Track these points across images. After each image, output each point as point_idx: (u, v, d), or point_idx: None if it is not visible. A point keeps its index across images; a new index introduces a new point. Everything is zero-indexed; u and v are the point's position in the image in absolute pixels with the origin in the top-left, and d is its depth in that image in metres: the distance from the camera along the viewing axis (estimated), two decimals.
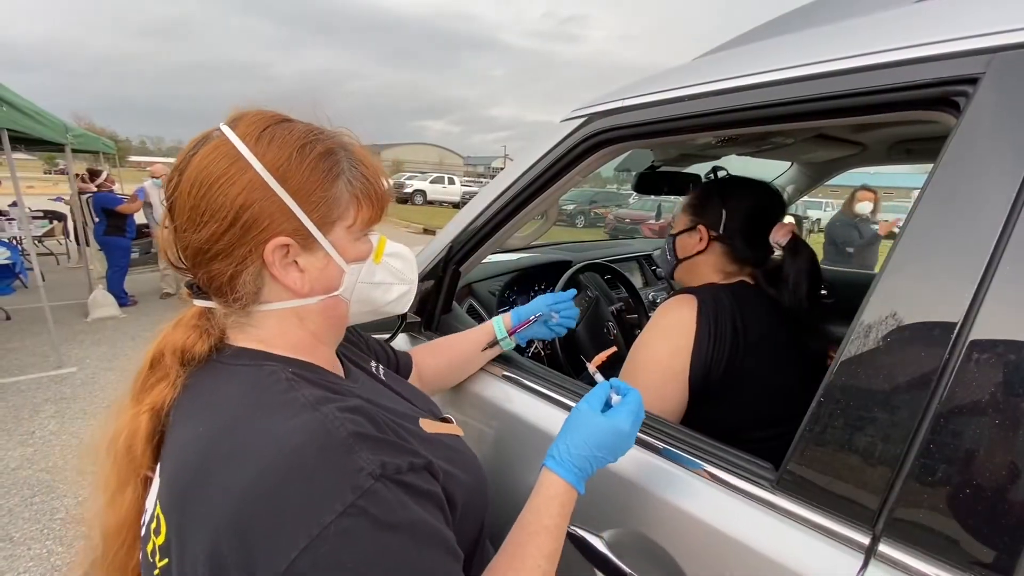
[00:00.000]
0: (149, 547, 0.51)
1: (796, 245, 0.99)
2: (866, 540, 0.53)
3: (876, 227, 4.21)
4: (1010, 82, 0.51)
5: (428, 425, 0.65)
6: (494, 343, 1.02)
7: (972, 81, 0.54)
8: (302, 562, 0.42)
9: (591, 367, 0.84)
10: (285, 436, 0.47)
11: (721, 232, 1.06)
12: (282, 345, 0.58)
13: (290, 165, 0.53)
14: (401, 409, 0.65)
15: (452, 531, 0.52)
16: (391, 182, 0.63)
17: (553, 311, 1.04)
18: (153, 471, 0.55)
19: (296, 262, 0.55)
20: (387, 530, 0.45)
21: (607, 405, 0.69)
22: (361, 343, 0.84)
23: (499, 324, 1.03)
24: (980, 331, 0.48)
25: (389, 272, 0.65)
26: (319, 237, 0.55)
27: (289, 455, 0.45)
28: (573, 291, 1.10)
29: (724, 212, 1.06)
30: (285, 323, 0.58)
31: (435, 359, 1.00)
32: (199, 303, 0.58)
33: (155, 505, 0.52)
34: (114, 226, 5.62)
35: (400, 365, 0.92)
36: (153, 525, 0.51)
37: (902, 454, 0.51)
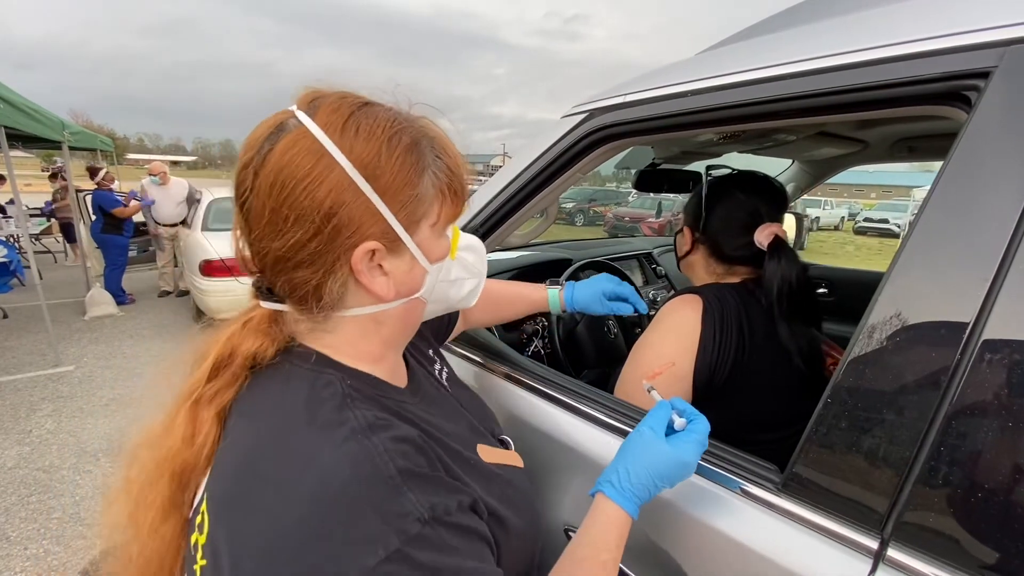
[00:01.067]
0: (193, 539, 0.49)
1: (778, 249, 0.97)
2: (874, 544, 0.52)
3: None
4: (1023, 76, 0.50)
5: (487, 453, 0.61)
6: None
7: (984, 75, 0.52)
8: None
9: (646, 383, 0.78)
10: (331, 466, 0.44)
11: (702, 233, 1.07)
12: (349, 354, 0.54)
13: (379, 162, 0.48)
14: (460, 431, 0.61)
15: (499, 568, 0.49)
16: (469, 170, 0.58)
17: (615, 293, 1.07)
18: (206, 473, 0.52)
19: (381, 266, 0.51)
20: (430, 573, 0.42)
21: (670, 428, 0.65)
22: (425, 331, 0.81)
23: (554, 301, 1.06)
24: (993, 331, 0.47)
25: (463, 267, 0.62)
26: (406, 240, 0.51)
27: (333, 489, 0.43)
28: (628, 290, 1.09)
29: (703, 213, 1.06)
30: (361, 328, 0.54)
31: (484, 312, 1.04)
32: (269, 306, 0.54)
33: (203, 498, 0.49)
34: (111, 224, 5.60)
35: (451, 320, 0.93)
36: (199, 520, 0.48)
37: (911, 456, 0.50)
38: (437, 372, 0.73)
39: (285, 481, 0.44)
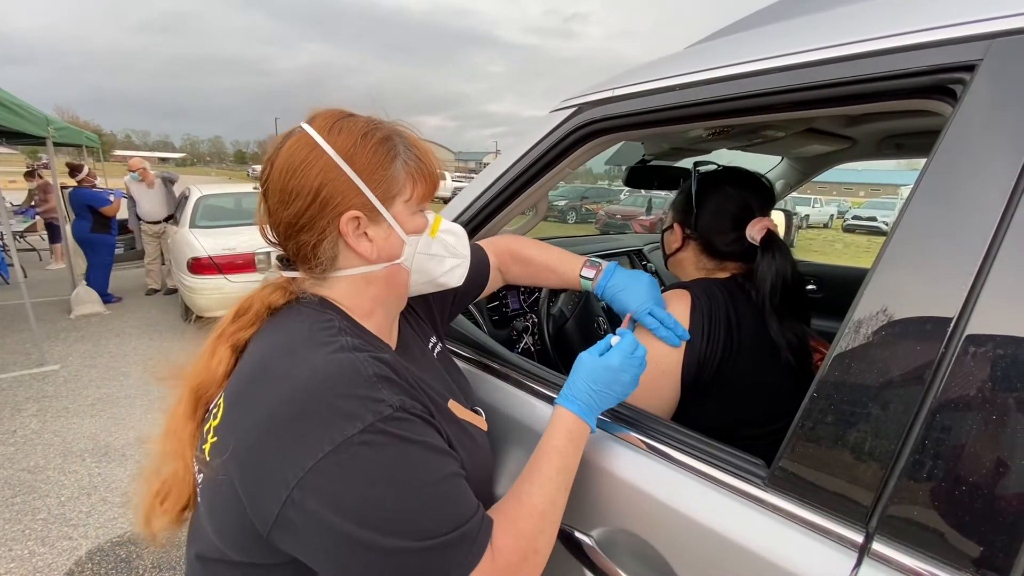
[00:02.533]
0: (207, 425, 0.62)
1: (770, 243, 0.96)
2: (859, 538, 0.52)
3: None
4: (1009, 69, 0.50)
5: (456, 409, 0.73)
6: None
7: (969, 68, 0.52)
8: (327, 463, 0.51)
9: (625, 324, 0.89)
10: (320, 366, 0.56)
11: (694, 229, 1.06)
12: (345, 305, 0.68)
13: (356, 150, 0.63)
14: (436, 386, 0.73)
15: None
16: (442, 166, 0.73)
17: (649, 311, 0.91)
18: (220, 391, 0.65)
19: (366, 233, 0.65)
20: (404, 442, 0.54)
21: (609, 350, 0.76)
22: (426, 313, 0.91)
23: (587, 286, 1.00)
24: (977, 326, 0.47)
25: (443, 246, 0.73)
26: (382, 210, 0.65)
27: (320, 380, 0.55)
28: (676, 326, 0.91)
29: (695, 209, 1.05)
30: (353, 285, 0.68)
31: (522, 273, 1.07)
32: (287, 274, 0.70)
33: (221, 396, 0.62)
34: (100, 223, 5.52)
35: (456, 296, 0.97)
36: (215, 410, 0.62)
37: (896, 450, 0.50)
38: (431, 346, 0.85)
39: (283, 376, 0.56)
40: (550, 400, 0.88)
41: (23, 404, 3.34)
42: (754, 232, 0.97)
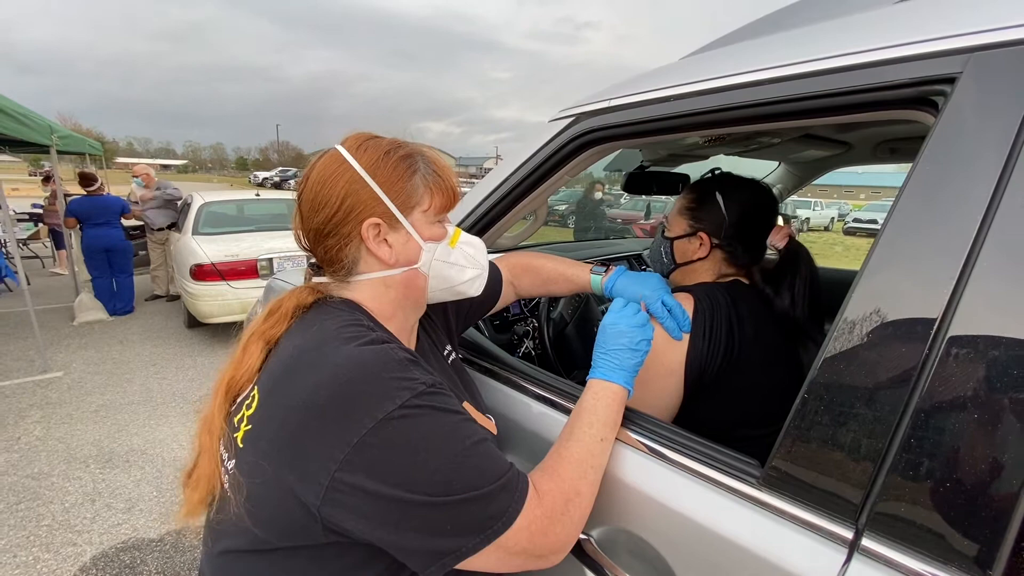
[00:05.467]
0: (239, 415, 0.65)
1: (795, 250, 0.98)
2: (849, 535, 0.53)
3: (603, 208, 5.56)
4: (987, 81, 0.52)
5: (471, 411, 0.76)
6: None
7: (950, 80, 0.54)
8: (371, 437, 0.56)
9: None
10: (356, 354, 0.61)
11: (723, 239, 1.04)
12: (368, 307, 0.74)
13: (378, 164, 0.70)
14: (454, 391, 0.76)
15: None
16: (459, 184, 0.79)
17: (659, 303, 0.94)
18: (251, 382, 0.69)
19: (386, 240, 0.71)
20: (439, 412, 0.60)
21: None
22: (443, 322, 0.97)
23: (596, 283, 1.05)
24: (959, 327, 0.49)
25: (463, 256, 0.79)
26: (400, 217, 0.71)
27: (358, 365, 0.60)
28: (683, 314, 0.94)
29: (726, 219, 1.03)
30: (373, 288, 0.74)
31: (533, 285, 1.14)
32: (316, 280, 0.77)
33: (254, 387, 0.66)
34: (125, 229, 5.65)
35: (472, 304, 1.02)
36: (248, 401, 0.65)
37: (884, 449, 0.52)
38: (446, 354, 0.91)
39: (321, 364, 0.61)
40: (550, 403, 0.89)
41: (27, 411, 3.36)
42: (776, 240, 0.99)
